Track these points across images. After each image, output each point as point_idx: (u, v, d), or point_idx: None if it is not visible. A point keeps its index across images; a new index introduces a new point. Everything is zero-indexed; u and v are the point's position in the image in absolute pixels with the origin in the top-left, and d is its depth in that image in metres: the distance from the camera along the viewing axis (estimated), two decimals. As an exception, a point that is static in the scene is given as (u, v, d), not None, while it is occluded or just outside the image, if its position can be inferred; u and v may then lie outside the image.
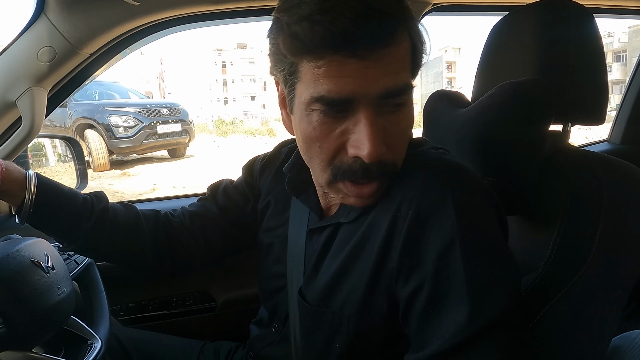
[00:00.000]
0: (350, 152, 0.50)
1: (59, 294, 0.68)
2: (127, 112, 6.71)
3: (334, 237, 0.60)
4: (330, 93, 0.47)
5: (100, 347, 0.72)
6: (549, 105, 0.65)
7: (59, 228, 0.69)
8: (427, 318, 0.48)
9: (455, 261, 0.46)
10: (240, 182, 0.82)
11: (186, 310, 1.14)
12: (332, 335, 0.56)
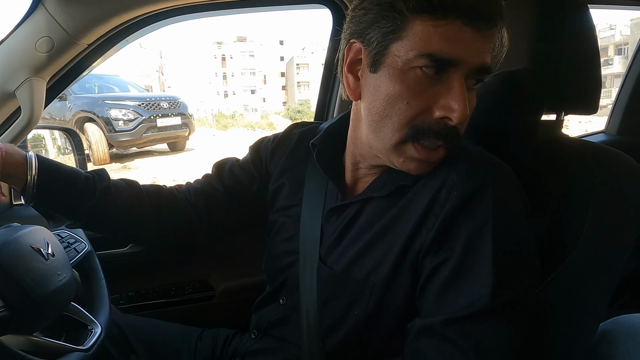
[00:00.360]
0: (437, 113, 0.53)
1: (59, 280, 0.69)
2: (126, 106, 6.71)
3: (361, 211, 0.63)
4: (442, 52, 0.51)
5: (100, 332, 0.73)
6: (541, 95, 0.66)
7: (64, 207, 0.71)
8: (447, 288, 0.51)
9: (485, 240, 0.50)
10: (247, 162, 0.84)
11: (185, 299, 1.15)
12: (352, 304, 0.58)
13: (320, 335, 0.61)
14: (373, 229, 0.59)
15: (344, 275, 0.60)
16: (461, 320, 0.49)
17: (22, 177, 0.67)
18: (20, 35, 0.87)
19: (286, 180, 0.77)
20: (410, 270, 0.55)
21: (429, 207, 0.55)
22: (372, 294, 0.57)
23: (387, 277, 0.56)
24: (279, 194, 0.79)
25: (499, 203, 0.52)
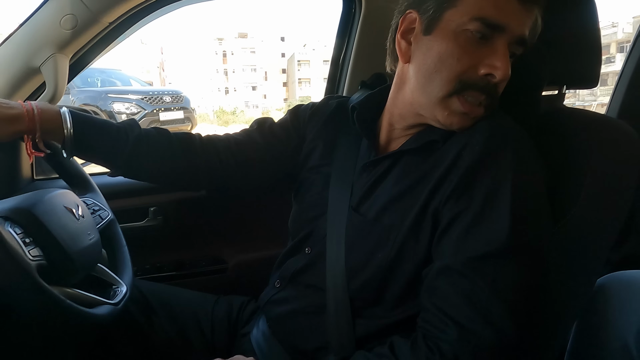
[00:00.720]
0: (482, 71, 0.60)
1: (89, 239, 0.73)
2: (129, 99, 6.75)
3: (393, 166, 0.68)
4: (492, 17, 0.58)
5: (125, 291, 0.78)
6: (542, 69, 0.70)
7: (101, 156, 0.77)
8: (466, 232, 0.55)
9: (504, 191, 0.55)
10: (286, 122, 0.89)
11: (199, 272, 1.20)
12: (376, 248, 0.63)
13: (345, 278, 0.66)
14: (403, 182, 0.65)
15: (373, 222, 0.65)
16: (478, 259, 0.53)
17: (59, 132, 0.71)
18: (45, 12, 0.91)
19: (320, 142, 0.83)
20: (431, 219, 0.60)
21: (454, 161, 0.60)
22: (395, 240, 0.62)
23: (410, 224, 0.61)
24: (311, 154, 0.84)
25: (518, 160, 0.57)
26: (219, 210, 1.21)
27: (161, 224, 1.16)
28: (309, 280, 0.73)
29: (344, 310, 0.66)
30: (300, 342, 0.72)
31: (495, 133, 0.59)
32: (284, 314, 0.74)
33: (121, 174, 0.81)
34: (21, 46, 0.92)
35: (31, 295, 0.57)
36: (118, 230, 0.91)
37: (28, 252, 0.60)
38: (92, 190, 0.91)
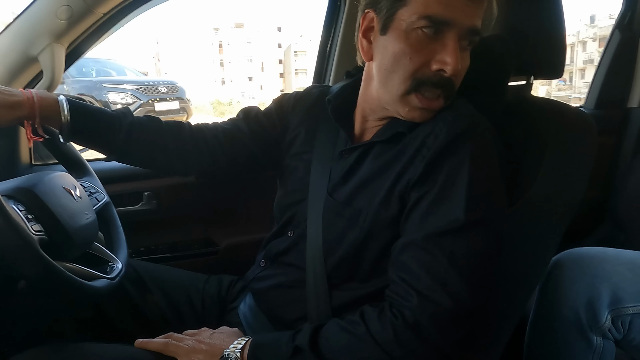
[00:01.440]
0: (434, 67, 0.63)
1: (86, 218, 0.78)
2: (124, 90, 6.73)
3: (366, 155, 0.73)
4: (438, 14, 0.61)
5: (121, 267, 0.83)
6: (507, 59, 0.76)
7: (96, 142, 0.82)
8: (429, 211, 0.61)
9: (462, 174, 0.60)
10: (270, 111, 0.93)
11: (191, 254, 1.26)
12: (348, 228, 0.69)
13: (322, 257, 0.72)
14: (372, 169, 0.70)
15: (345, 205, 0.70)
16: (438, 235, 0.59)
17: (57, 119, 0.76)
18: (42, 3, 0.95)
19: (302, 130, 0.88)
20: (399, 201, 0.65)
21: (419, 149, 0.65)
22: (365, 221, 0.67)
23: (378, 206, 0.67)
24: (294, 141, 0.89)
25: (476, 146, 0.62)
26: (210, 195, 1.27)
27: (155, 208, 1.22)
28: (291, 260, 0.79)
29: (321, 285, 0.72)
30: (282, 313, 0.78)
31: (456, 122, 0.64)
32: (268, 288, 0.80)
33: (115, 158, 0.86)
34: (19, 36, 0.96)
35: (34, 265, 0.62)
36: (114, 212, 0.97)
37: (31, 227, 0.65)
38: (89, 174, 0.96)
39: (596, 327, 0.76)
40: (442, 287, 0.57)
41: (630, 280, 0.76)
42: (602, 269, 0.78)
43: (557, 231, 0.75)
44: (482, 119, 0.66)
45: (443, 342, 0.57)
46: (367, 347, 0.59)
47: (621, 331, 0.76)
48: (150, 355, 0.69)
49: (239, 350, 0.67)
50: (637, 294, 0.75)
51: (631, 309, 0.74)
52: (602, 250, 0.84)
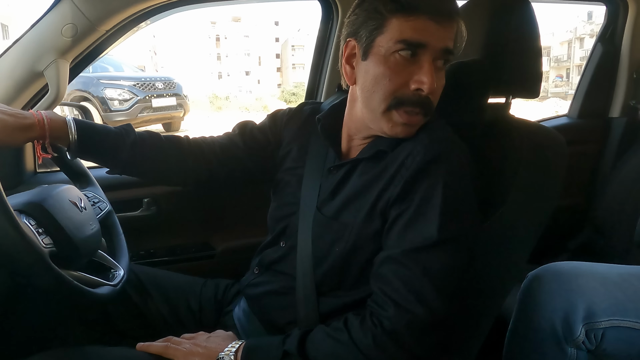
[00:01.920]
0: (412, 86, 0.69)
1: (91, 229, 0.84)
2: (121, 85, 6.71)
3: (351, 172, 0.79)
4: (413, 38, 0.68)
5: (123, 274, 0.88)
6: (486, 83, 0.81)
7: (101, 159, 0.88)
8: (407, 227, 0.67)
9: (436, 194, 0.67)
10: (264, 127, 0.99)
11: (189, 257, 1.31)
12: (335, 241, 0.75)
13: (312, 267, 0.78)
14: (358, 185, 0.76)
15: (332, 220, 0.76)
16: (414, 250, 0.65)
17: (65, 138, 0.81)
18: (48, 22, 1.00)
19: (295, 146, 0.93)
20: (380, 217, 0.71)
21: (398, 169, 0.71)
22: (350, 235, 0.73)
23: (362, 221, 0.72)
24: (287, 157, 0.94)
25: (449, 169, 0.68)
26: (208, 201, 1.32)
27: (154, 214, 1.27)
28: (282, 268, 0.85)
29: (310, 292, 0.78)
30: (273, 317, 0.83)
31: (432, 145, 0.70)
32: (261, 294, 0.86)
33: (118, 173, 0.91)
34: (26, 52, 1.01)
35: (45, 277, 0.68)
36: (115, 220, 1.02)
37: (41, 240, 0.70)
38: (92, 184, 1.01)
39: (571, 339, 0.82)
40: (417, 298, 0.63)
41: (602, 295, 0.82)
42: (577, 285, 0.84)
43: (529, 242, 0.81)
44: (456, 143, 0.73)
45: (418, 348, 0.64)
46: (349, 352, 0.65)
47: (593, 343, 0.82)
48: (151, 357, 0.75)
49: (233, 353, 0.72)
50: (608, 309, 0.81)
51: (603, 323, 0.80)
52: (577, 265, 0.90)
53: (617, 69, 1.53)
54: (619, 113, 1.55)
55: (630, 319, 0.80)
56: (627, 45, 1.51)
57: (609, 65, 1.53)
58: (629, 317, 0.80)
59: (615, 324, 0.80)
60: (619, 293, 0.83)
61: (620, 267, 0.91)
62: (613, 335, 0.81)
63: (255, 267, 0.92)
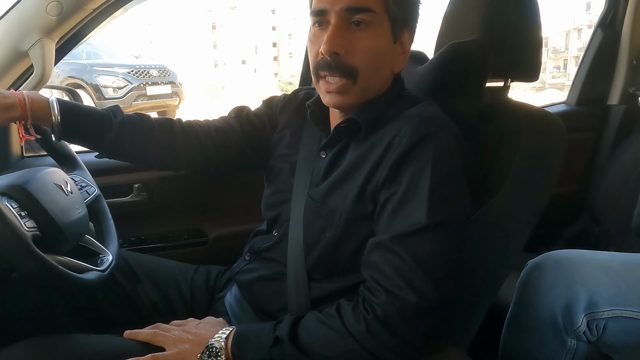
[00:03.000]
0: (320, 52, 0.69)
1: (77, 213, 0.81)
2: (115, 73, 6.63)
3: (341, 155, 0.77)
4: (316, 7, 0.69)
5: (111, 259, 0.86)
6: (485, 64, 0.79)
7: (87, 141, 0.85)
8: (395, 212, 0.65)
9: (424, 177, 0.64)
10: (260, 112, 0.97)
11: (181, 244, 1.29)
12: (325, 228, 0.73)
13: (303, 255, 0.76)
14: (345, 168, 0.73)
15: (321, 205, 0.74)
16: (403, 236, 0.63)
17: (48, 119, 0.78)
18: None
19: (287, 132, 0.91)
20: (370, 201, 0.69)
21: (386, 150, 0.68)
22: (339, 220, 0.71)
23: (351, 206, 0.70)
24: (280, 142, 0.92)
25: (438, 150, 0.65)
26: (200, 187, 1.30)
27: (145, 200, 1.25)
28: (274, 256, 0.83)
29: (301, 279, 0.76)
30: (265, 304, 0.82)
31: (420, 125, 0.67)
32: (252, 280, 0.84)
33: (106, 156, 0.88)
34: (9, 31, 0.97)
35: (27, 261, 0.66)
36: (104, 205, 1.00)
37: (24, 224, 0.68)
38: (80, 167, 0.99)
39: (572, 330, 0.81)
40: (408, 284, 0.62)
41: (605, 285, 0.80)
42: (579, 274, 0.82)
43: (526, 228, 0.79)
44: (446, 123, 0.70)
45: (411, 334, 0.62)
46: (342, 338, 0.64)
47: (595, 334, 0.80)
48: (139, 345, 0.73)
49: (224, 340, 0.71)
50: (611, 299, 0.79)
51: (605, 313, 0.78)
52: (579, 254, 0.88)
53: (616, 55, 1.51)
54: (618, 100, 1.53)
55: (632, 309, 0.78)
56: (627, 31, 1.48)
57: (609, 52, 1.50)
58: (631, 307, 0.78)
59: (618, 314, 0.78)
60: (621, 282, 0.81)
61: (623, 255, 0.90)
62: (615, 326, 0.79)
63: (246, 253, 0.90)
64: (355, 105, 0.74)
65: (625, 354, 0.47)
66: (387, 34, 0.70)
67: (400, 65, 0.75)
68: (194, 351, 0.71)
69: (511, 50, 0.84)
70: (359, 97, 0.72)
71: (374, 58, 0.70)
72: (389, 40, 0.71)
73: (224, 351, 0.70)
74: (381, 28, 0.69)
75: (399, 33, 0.72)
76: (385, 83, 0.75)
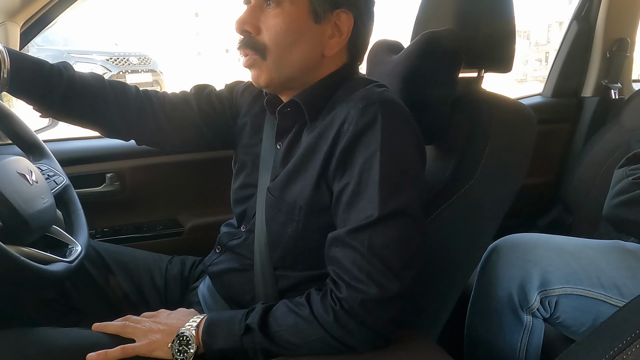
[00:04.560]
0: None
1: (43, 203, 0.79)
2: (94, 60, 6.46)
3: (294, 146, 0.75)
4: None
5: (80, 250, 0.84)
6: (458, 54, 0.79)
7: (35, 93, 0.77)
8: (349, 205, 0.64)
9: (374, 167, 0.63)
10: (222, 95, 0.94)
11: (156, 234, 1.27)
12: (286, 222, 0.72)
13: (268, 251, 0.75)
14: (298, 158, 0.72)
15: (280, 200, 0.73)
16: (358, 229, 0.63)
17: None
18: (-7, -20, 0.92)
19: (249, 120, 0.89)
20: (328, 192, 0.68)
21: (336, 138, 0.66)
22: (300, 214, 0.70)
23: (310, 198, 0.69)
24: (242, 131, 0.90)
25: (386, 135, 0.63)
26: (176, 177, 1.28)
27: (118, 189, 1.22)
28: (241, 250, 0.82)
29: (268, 272, 0.76)
30: (235, 294, 0.81)
31: (366, 110, 0.65)
32: (222, 271, 0.84)
33: (52, 114, 0.82)
34: (-31, 14, 0.93)
35: (-13, 252, 0.64)
36: (73, 195, 0.97)
37: (-17, 214, 0.66)
38: (47, 156, 0.96)
39: (527, 307, 0.84)
40: (368, 277, 0.61)
41: (558, 265, 0.83)
42: (534, 254, 0.85)
43: (496, 217, 0.80)
44: (394, 105, 0.67)
45: (377, 323, 0.62)
46: (311, 326, 0.64)
47: (548, 310, 0.84)
48: (108, 338, 0.72)
49: (194, 328, 0.70)
50: (563, 277, 0.82)
51: (557, 291, 0.82)
52: (535, 237, 0.91)
53: (590, 48, 1.53)
54: (592, 92, 1.56)
55: (583, 287, 0.82)
56: (601, 24, 1.50)
57: (583, 44, 1.52)
58: (582, 285, 0.82)
59: (569, 292, 0.82)
60: (573, 262, 0.84)
61: (580, 239, 0.93)
62: (566, 303, 0.83)
63: (217, 244, 0.89)
64: (275, 83, 0.73)
65: (588, 335, 0.48)
66: (303, 12, 0.68)
67: (333, 48, 0.71)
68: (164, 341, 0.70)
69: (485, 40, 0.84)
70: (272, 74, 0.71)
71: (284, 35, 0.69)
72: (306, 19, 0.69)
73: (195, 339, 0.69)
74: (293, 6, 0.68)
75: (324, 14, 0.69)
76: (316, 65, 0.72)
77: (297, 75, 0.72)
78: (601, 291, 0.81)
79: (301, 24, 0.69)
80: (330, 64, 0.74)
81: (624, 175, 0.84)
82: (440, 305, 0.82)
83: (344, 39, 0.71)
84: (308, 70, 0.73)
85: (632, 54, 1.56)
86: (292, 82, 0.73)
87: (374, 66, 0.97)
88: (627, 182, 0.82)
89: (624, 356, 0.41)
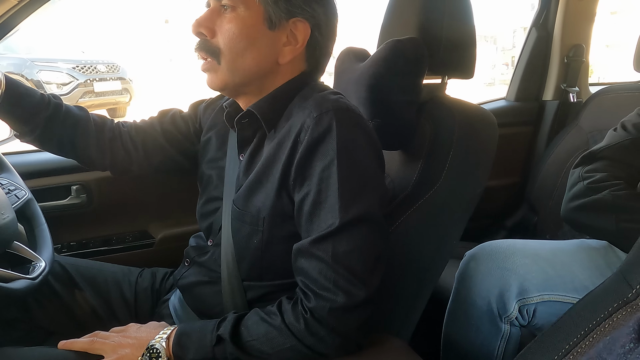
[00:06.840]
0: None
1: (3, 219, 0.76)
2: (59, 68, 6.28)
3: (254, 157, 0.75)
4: None
5: (44, 266, 0.82)
6: (421, 61, 0.81)
7: (22, 115, 0.81)
8: (311, 216, 0.65)
9: (332, 176, 0.63)
10: (186, 115, 0.96)
11: (126, 247, 1.24)
12: (251, 233, 0.72)
13: (235, 263, 0.75)
14: (259, 171, 0.72)
15: (244, 212, 0.73)
16: (321, 239, 0.63)
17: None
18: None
19: (213, 135, 0.88)
20: (290, 201, 0.68)
21: (293, 148, 0.66)
22: (264, 225, 0.70)
23: (272, 208, 0.69)
24: (207, 146, 0.89)
25: (342, 143, 0.63)
26: (144, 188, 1.25)
27: (85, 202, 1.19)
28: (209, 264, 0.82)
29: (236, 284, 0.75)
30: (205, 306, 0.81)
31: (321, 118, 0.65)
32: (191, 284, 0.83)
33: (33, 138, 0.84)
34: None
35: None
36: (36, 209, 0.94)
37: (-63, 231, 0.63)
38: (7, 170, 0.93)
39: (505, 316, 0.86)
40: (335, 285, 0.62)
41: (534, 272, 0.85)
42: (511, 262, 0.87)
43: (462, 219, 0.83)
44: (349, 112, 0.67)
45: (347, 330, 0.63)
46: (282, 335, 0.64)
47: (526, 318, 0.86)
48: (75, 355, 0.70)
49: (164, 340, 0.69)
50: (540, 285, 0.84)
51: (535, 299, 0.84)
52: (511, 244, 0.93)
53: (549, 54, 1.60)
54: (552, 96, 1.62)
55: (559, 292, 0.84)
56: (558, 31, 1.57)
57: (543, 50, 1.59)
58: (557, 291, 0.84)
59: (546, 299, 0.84)
60: (549, 268, 0.86)
61: (552, 242, 0.96)
62: (543, 310, 0.85)
63: (185, 258, 0.89)
64: (230, 88, 0.73)
65: (546, 332, 0.50)
66: (257, 19, 0.69)
67: (287, 56, 0.71)
68: (134, 355, 0.69)
69: (447, 48, 0.87)
70: (226, 78, 0.71)
71: (236, 40, 0.69)
72: (260, 26, 0.69)
73: (165, 351, 0.68)
74: (247, 12, 0.68)
75: (278, 21, 0.69)
76: (270, 71, 0.72)
77: (250, 81, 0.73)
78: (575, 295, 0.83)
79: (255, 30, 0.69)
80: (286, 72, 0.74)
81: (580, 177, 0.88)
82: (410, 307, 0.83)
83: (299, 48, 0.72)
84: (262, 76, 0.73)
85: (587, 59, 1.64)
86: (247, 87, 0.74)
87: (341, 74, 0.99)
88: (582, 187, 0.86)
89: (579, 349, 0.43)
